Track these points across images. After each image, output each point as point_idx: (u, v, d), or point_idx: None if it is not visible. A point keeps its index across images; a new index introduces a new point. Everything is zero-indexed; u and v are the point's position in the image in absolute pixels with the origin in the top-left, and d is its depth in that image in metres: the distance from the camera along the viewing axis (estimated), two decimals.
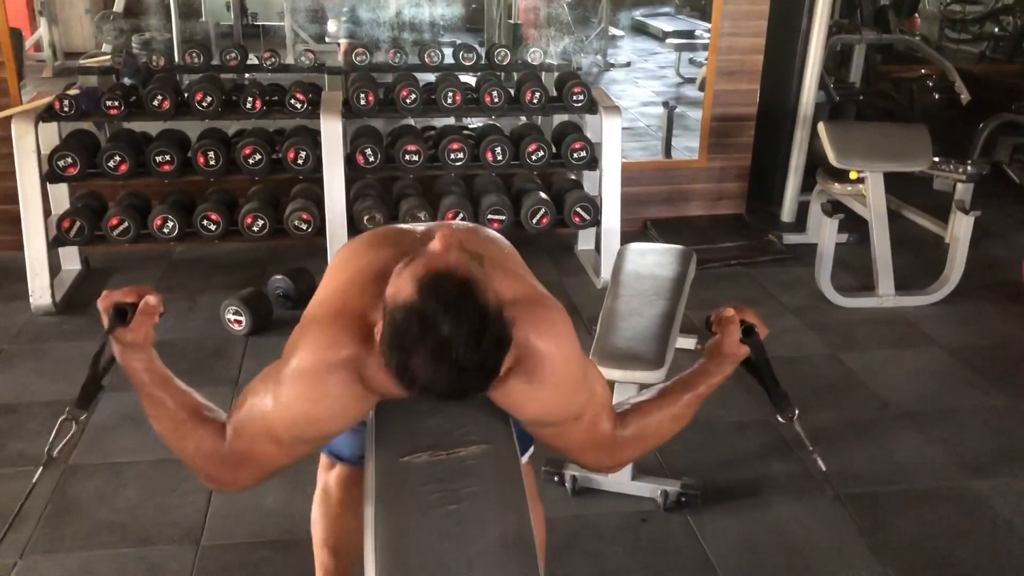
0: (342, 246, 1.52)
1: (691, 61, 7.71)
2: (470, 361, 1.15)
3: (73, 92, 3.74)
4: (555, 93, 4.09)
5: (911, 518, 2.58)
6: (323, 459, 1.82)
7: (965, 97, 4.87)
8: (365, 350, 1.29)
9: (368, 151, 3.77)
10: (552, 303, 1.39)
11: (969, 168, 4.33)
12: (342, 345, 1.28)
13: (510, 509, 1.30)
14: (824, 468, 1.59)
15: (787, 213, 4.83)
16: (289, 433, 1.32)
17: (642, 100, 6.91)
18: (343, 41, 5.06)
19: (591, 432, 1.40)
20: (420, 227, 1.50)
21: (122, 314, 1.37)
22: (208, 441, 1.35)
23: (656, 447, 1.53)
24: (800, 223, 4.72)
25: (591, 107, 3.95)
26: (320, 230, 3.74)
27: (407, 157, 3.80)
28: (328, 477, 1.82)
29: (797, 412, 1.57)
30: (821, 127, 4.01)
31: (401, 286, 1.18)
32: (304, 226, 3.71)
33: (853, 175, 4.07)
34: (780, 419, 1.55)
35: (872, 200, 3.92)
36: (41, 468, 1.31)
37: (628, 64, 8.07)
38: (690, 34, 8.06)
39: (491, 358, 1.18)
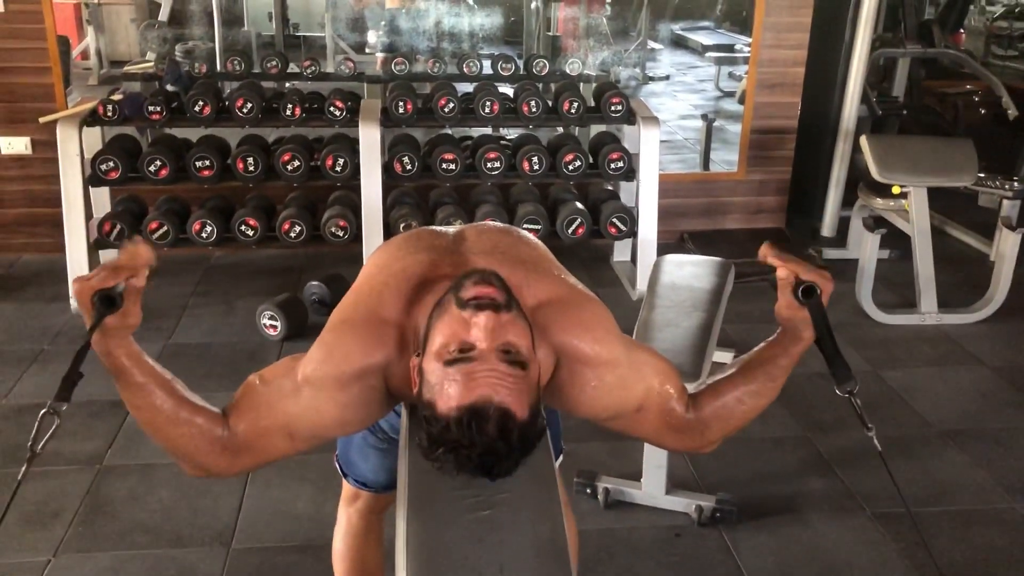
0: (376, 248, 1.50)
1: (730, 75, 7.66)
2: (505, 471, 1.20)
3: (117, 97, 3.79)
4: (593, 104, 4.07)
5: (954, 540, 2.51)
6: (346, 492, 1.81)
7: (1013, 112, 4.77)
8: (396, 357, 1.29)
9: (405, 159, 3.78)
10: (588, 299, 1.37)
11: (1016, 184, 4.24)
12: (375, 350, 1.27)
13: (544, 515, 1.28)
14: (880, 448, 1.47)
15: (828, 228, 4.76)
16: (310, 432, 1.30)
17: (680, 113, 6.87)
18: (380, 55, 5.09)
19: (663, 419, 1.36)
20: (452, 230, 1.48)
21: (108, 301, 1.21)
22: (205, 430, 1.29)
23: (743, 424, 1.44)
24: (841, 238, 4.65)
25: (629, 118, 3.92)
26: (356, 237, 3.75)
27: (444, 166, 3.80)
28: (351, 510, 1.82)
29: (857, 386, 1.42)
30: (864, 140, 3.95)
31: (436, 389, 1.18)
32: (341, 233, 3.73)
33: (896, 190, 4.00)
34: (837, 391, 1.42)
35: (915, 215, 3.85)
36: (25, 465, 1.26)
37: (667, 77, 8.03)
38: (730, 48, 8.02)
39: (525, 456, 1.21)
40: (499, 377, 1.15)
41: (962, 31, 7.85)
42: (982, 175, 4.16)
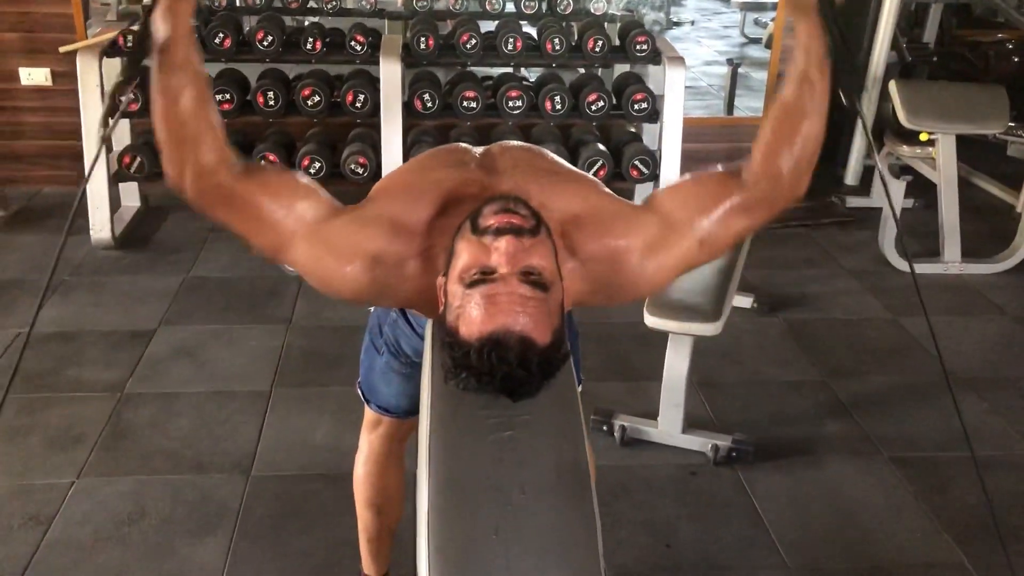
0: (421, 153, 1.50)
1: (756, 21, 7.52)
2: (527, 394, 1.20)
3: (136, 28, 3.75)
4: (617, 43, 4.00)
5: (970, 484, 2.51)
6: (368, 418, 1.81)
7: None
8: (412, 265, 1.29)
9: (426, 96, 3.74)
10: (606, 198, 1.37)
11: None
12: (398, 247, 1.27)
13: (565, 438, 1.28)
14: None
15: (851, 176, 4.69)
16: (295, 262, 1.29)
17: (705, 59, 6.77)
18: None
19: (731, 221, 1.31)
20: (479, 149, 1.47)
21: None
22: (214, 151, 1.26)
23: (811, 151, 1.33)
24: (864, 186, 4.59)
25: (655, 57, 3.85)
26: (376, 175, 3.72)
27: (465, 104, 3.75)
28: (372, 436, 1.82)
29: (864, 100, 1.34)
30: (892, 85, 3.88)
31: (458, 313, 1.17)
32: (360, 170, 3.70)
33: (924, 137, 3.94)
34: (843, 100, 1.36)
35: (942, 163, 3.79)
36: (100, 139, 1.24)
37: (692, 23, 7.90)
38: None
39: (548, 380, 1.20)
40: (521, 302, 1.15)
41: None
42: (1012, 124, 4.09)
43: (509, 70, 4.21)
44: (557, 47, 3.81)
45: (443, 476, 1.23)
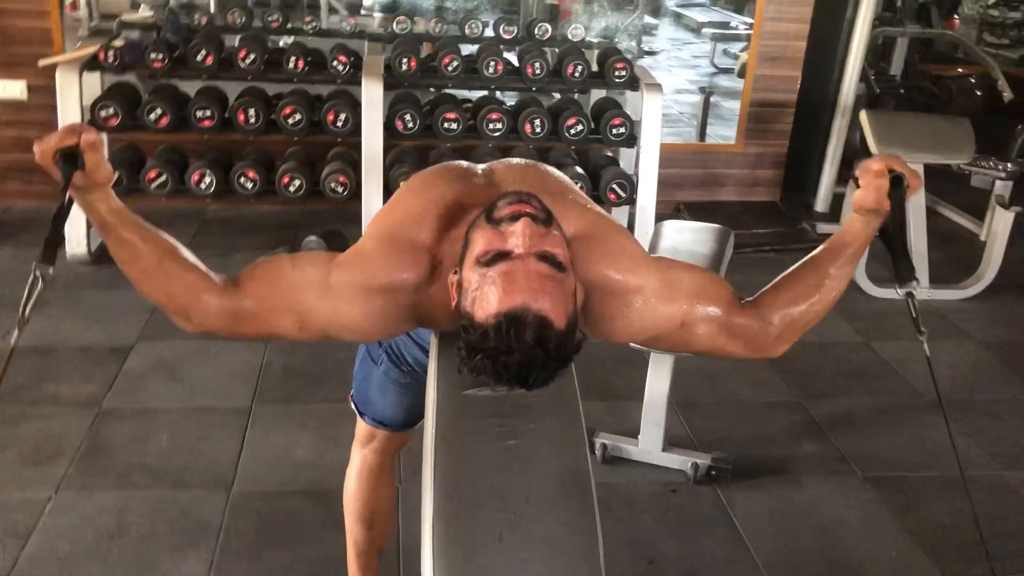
0: (415, 175, 1.51)
1: (725, 52, 7.66)
2: (542, 381, 1.20)
3: (118, 44, 3.75)
4: (596, 69, 4.07)
5: (943, 503, 2.57)
6: (360, 432, 1.82)
7: (1008, 95, 4.82)
8: (426, 280, 1.30)
9: (407, 117, 3.77)
10: (613, 230, 1.38)
11: (1010, 166, 4.29)
12: (408, 271, 1.28)
13: (569, 447, 1.30)
14: (928, 354, 1.48)
15: (821, 203, 4.80)
16: (321, 328, 1.30)
17: (676, 88, 6.88)
18: (378, 15, 5.05)
19: (715, 330, 1.35)
20: (481, 165, 1.49)
21: (72, 159, 1.23)
22: (197, 287, 1.29)
23: (810, 320, 1.38)
24: (834, 213, 4.69)
25: (633, 83, 3.93)
26: (356, 194, 3.74)
27: (446, 125, 3.79)
28: (366, 451, 1.82)
29: (918, 286, 1.41)
30: (863, 115, 3.98)
31: (474, 296, 1.17)
32: (340, 189, 3.72)
33: None
34: (898, 291, 1.41)
35: None
36: (17, 331, 1.25)
37: (654, 53, 8.02)
38: (725, 25, 8.02)
39: (562, 368, 1.21)
40: (539, 279, 1.15)
41: (956, 17, 7.90)
42: (976, 155, 4.21)
43: (487, 94, 4.26)
44: (537, 71, 3.86)
45: (448, 483, 1.24)
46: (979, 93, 5.58)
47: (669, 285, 1.33)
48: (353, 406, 1.77)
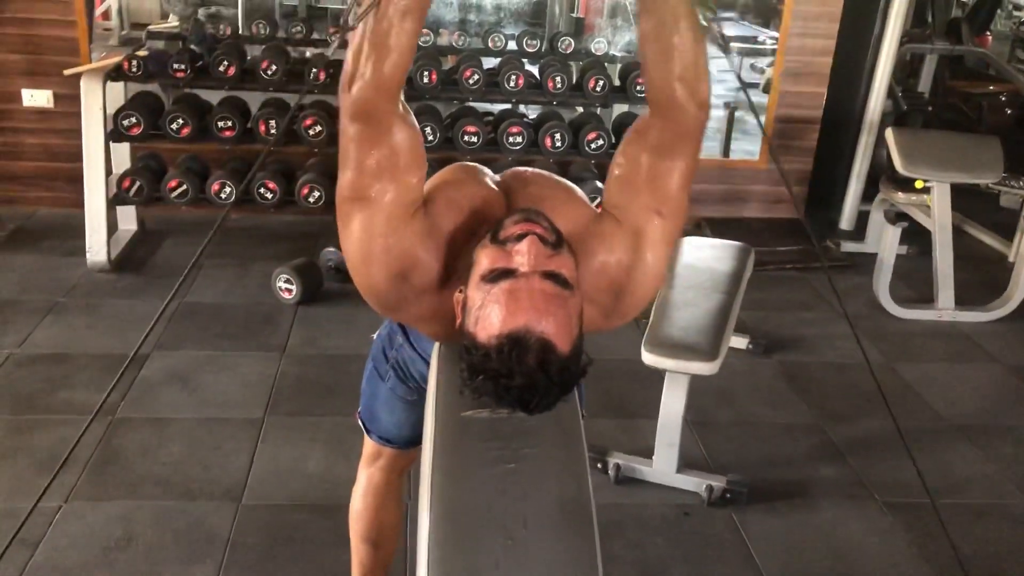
0: (456, 165, 1.51)
1: (752, 67, 7.61)
2: (543, 406, 1.18)
3: (142, 53, 3.79)
4: (618, 83, 4.04)
5: (964, 532, 2.50)
6: (367, 450, 1.80)
7: None
8: (436, 277, 1.29)
9: (427, 130, 3.76)
10: (591, 226, 1.35)
11: None
12: (425, 269, 1.28)
13: (569, 472, 1.28)
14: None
15: (846, 221, 4.73)
16: (374, 218, 1.29)
17: None
18: None
19: (670, 156, 1.31)
20: (493, 176, 1.48)
21: None
22: (390, 76, 1.24)
23: (693, 56, 1.25)
24: (859, 232, 4.62)
25: None
26: None
27: (466, 138, 3.78)
28: (372, 469, 1.81)
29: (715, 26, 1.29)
30: (889, 133, 3.92)
31: (477, 315, 1.16)
32: None
33: (919, 184, 3.97)
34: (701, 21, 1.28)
35: (937, 211, 3.82)
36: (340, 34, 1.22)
37: None
38: (752, 40, 7.97)
39: (565, 393, 1.19)
40: (543, 299, 1.13)
41: (988, 33, 7.78)
42: (1005, 175, 4.14)
43: (509, 106, 4.24)
44: (559, 85, 3.85)
45: (445, 507, 1.22)
46: (1009, 111, 5.48)
47: (627, 220, 1.32)
48: (360, 423, 1.76)
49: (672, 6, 1.23)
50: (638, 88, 3.88)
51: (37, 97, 4.19)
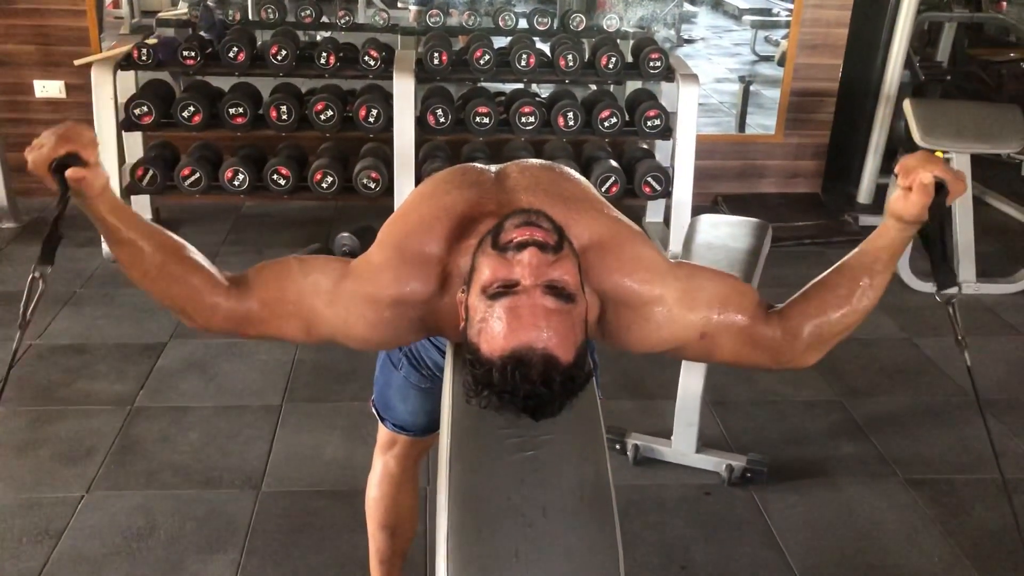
0: (425, 180, 1.47)
1: (767, 39, 7.52)
2: (550, 414, 1.19)
3: (152, 41, 3.77)
4: (631, 60, 4.00)
5: (989, 508, 2.48)
6: (382, 438, 1.79)
7: None
8: (437, 292, 1.27)
9: (439, 111, 3.74)
10: (630, 238, 1.32)
11: None
12: (418, 283, 1.26)
13: (588, 460, 1.26)
14: (969, 363, 1.40)
15: (864, 194, 4.67)
16: (329, 334, 1.29)
17: (715, 76, 6.76)
18: (413, 8, 5.03)
19: (739, 339, 1.29)
20: (494, 167, 1.45)
21: (64, 168, 1.20)
22: (201, 291, 1.26)
23: (841, 331, 1.33)
24: (877, 205, 4.56)
25: (668, 74, 3.85)
26: (388, 189, 3.72)
27: (478, 119, 3.75)
28: (387, 457, 1.80)
29: (959, 291, 1.34)
30: (907, 103, 3.86)
31: (480, 328, 1.15)
32: (372, 184, 3.70)
33: (938, 155, 3.91)
34: (937, 296, 1.35)
35: None
36: (19, 332, 1.21)
37: (693, 41, 7.90)
38: (767, 12, 7.87)
39: (571, 399, 1.19)
40: (544, 315, 1.12)
41: (1004, 0, 7.65)
42: None
43: (521, 86, 4.21)
44: (570, 63, 3.80)
45: (463, 496, 1.21)
46: None
47: (689, 294, 1.28)
48: (374, 411, 1.75)
49: (878, 288, 1.32)
50: (650, 64, 3.83)
51: (49, 88, 4.19)
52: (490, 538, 1.19)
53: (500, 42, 4.18)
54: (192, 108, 3.65)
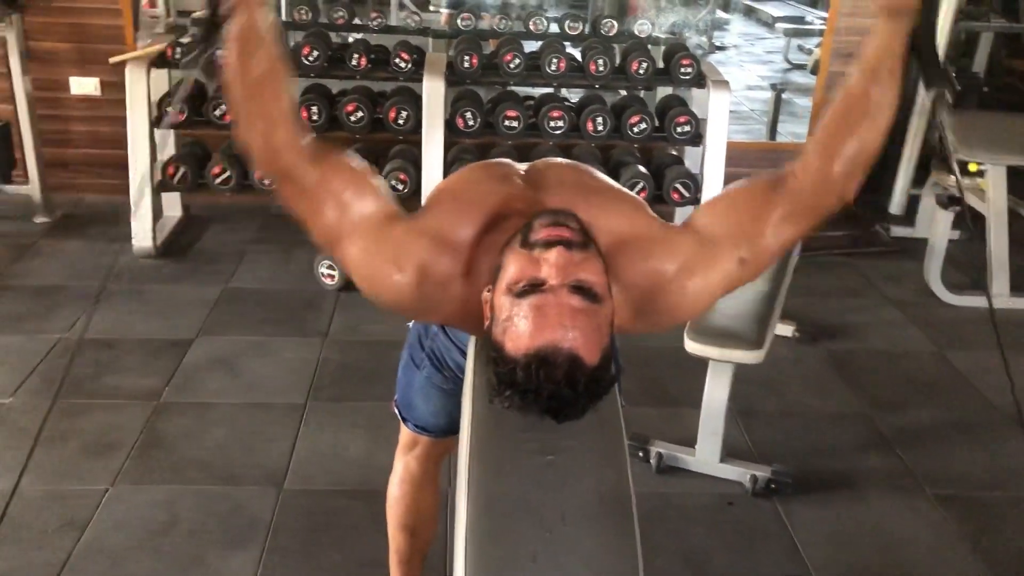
0: (466, 167, 1.49)
1: (800, 48, 7.46)
2: (573, 416, 1.17)
3: (186, 40, 3.80)
4: (662, 66, 3.98)
5: (1019, 527, 2.43)
6: (403, 439, 1.80)
7: None
8: (458, 278, 1.27)
9: (468, 115, 3.74)
10: (653, 232, 1.32)
11: None
12: (448, 259, 1.26)
13: (608, 465, 1.25)
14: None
15: (896, 205, 4.61)
16: (348, 256, 1.29)
17: (747, 84, 6.73)
18: (445, 11, 5.05)
19: (784, 227, 1.27)
20: (522, 166, 1.45)
21: None
22: (282, 131, 1.26)
23: (871, 146, 1.26)
24: (909, 216, 4.50)
25: (699, 80, 3.83)
26: (416, 191, 3.73)
27: (507, 123, 3.75)
28: (409, 457, 1.80)
29: (949, 96, 1.30)
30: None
31: (505, 326, 1.14)
32: (400, 186, 3.71)
33: (973, 167, 3.86)
34: (925, 97, 1.30)
35: (992, 194, 3.71)
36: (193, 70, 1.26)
37: (724, 48, 7.87)
38: (800, 20, 7.81)
39: (595, 402, 1.17)
40: (570, 315, 1.11)
41: None
42: None
43: (551, 90, 4.20)
44: (600, 68, 3.79)
45: (483, 499, 1.20)
46: None
47: (707, 244, 1.28)
48: (396, 411, 1.75)
49: (890, 89, 1.25)
50: (682, 70, 3.81)
51: (85, 85, 4.24)
52: (508, 541, 1.18)
53: (531, 46, 4.18)
54: (224, 107, 3.67)
